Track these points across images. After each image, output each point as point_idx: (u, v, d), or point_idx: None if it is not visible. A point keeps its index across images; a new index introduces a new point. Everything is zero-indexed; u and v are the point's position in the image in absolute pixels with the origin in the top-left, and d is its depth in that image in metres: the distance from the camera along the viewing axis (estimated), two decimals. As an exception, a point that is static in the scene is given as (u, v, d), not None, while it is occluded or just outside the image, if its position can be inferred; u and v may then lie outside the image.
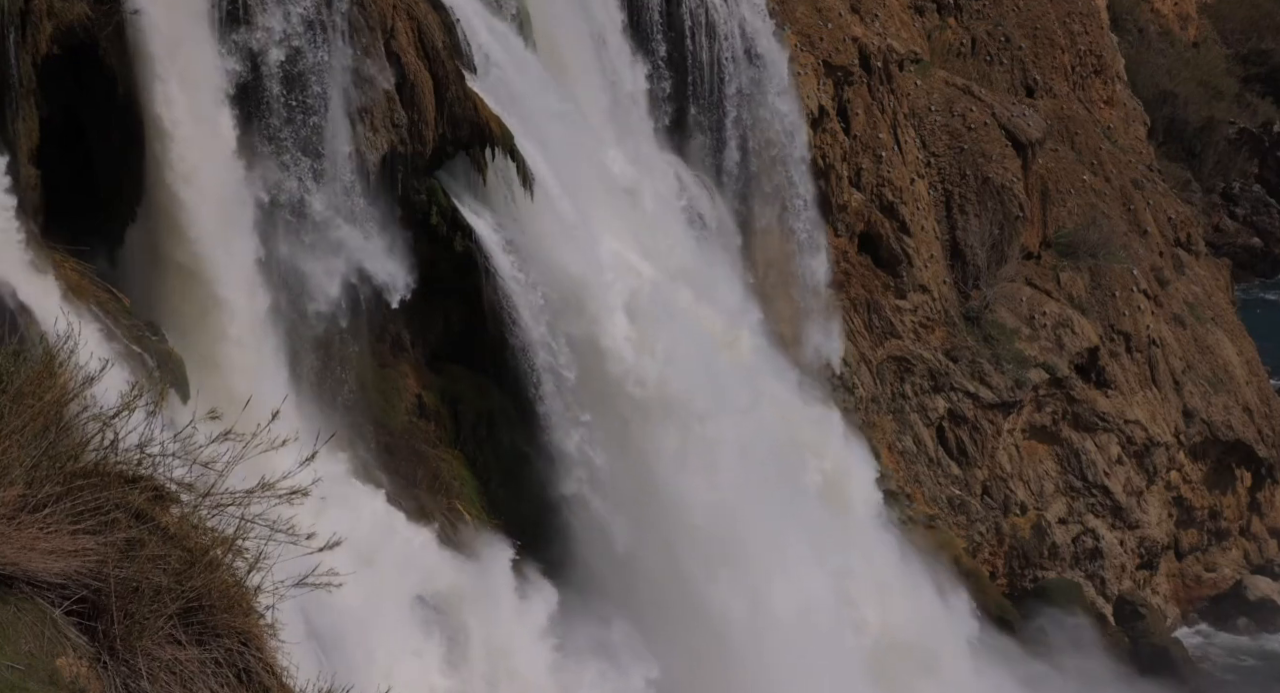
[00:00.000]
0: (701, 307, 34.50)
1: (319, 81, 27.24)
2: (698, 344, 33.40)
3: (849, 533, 36.95)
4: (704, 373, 33.13)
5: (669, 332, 32.25)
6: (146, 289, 26.06)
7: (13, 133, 24.24)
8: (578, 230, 30.67)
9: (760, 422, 34.81)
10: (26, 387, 8.28)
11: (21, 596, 7.59)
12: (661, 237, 33.68)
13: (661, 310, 32.37)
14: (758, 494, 33.34)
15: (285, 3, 26.73)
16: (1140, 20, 68.13)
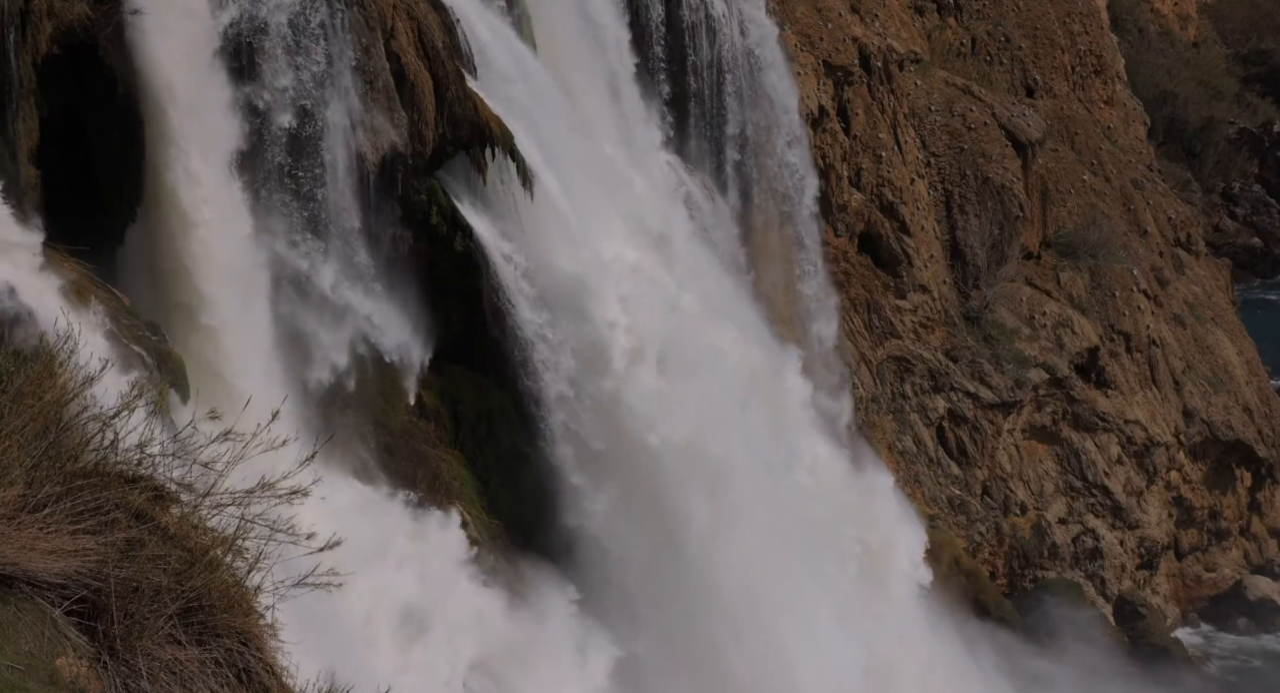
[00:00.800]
0: (726, 334, 34.05)
1: (328, 148, 27.39)
2: (724, 389, 32.76)
3: (885, 617, 35.70)
4: (732, 422, 32.47)
5: (693, 381, 31.79)
6: (146, 289, 26.07)
7: (13, 133, 24.24)
8: (577, 230, 30.67)
9: (797, 487, 33.92)
10: (26, 387, 8.28)
11: (21, 596, 7.59)
12: (661, 235, 33.67)
13: (689, 357, 31.96)
14: (785, 564, 32.53)
15: (297, 66, 26.82)
16: (1140, 20, 68.16)
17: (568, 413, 30.35)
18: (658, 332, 31.71)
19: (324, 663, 8.94)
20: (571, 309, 30.37)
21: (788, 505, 33.96)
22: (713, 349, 33.61)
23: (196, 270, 25.89)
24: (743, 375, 34.57)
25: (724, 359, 33.90)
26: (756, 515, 32.13)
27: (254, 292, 26.56)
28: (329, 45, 27.39)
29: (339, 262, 27.87)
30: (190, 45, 25.40)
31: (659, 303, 32.15)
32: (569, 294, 30.31)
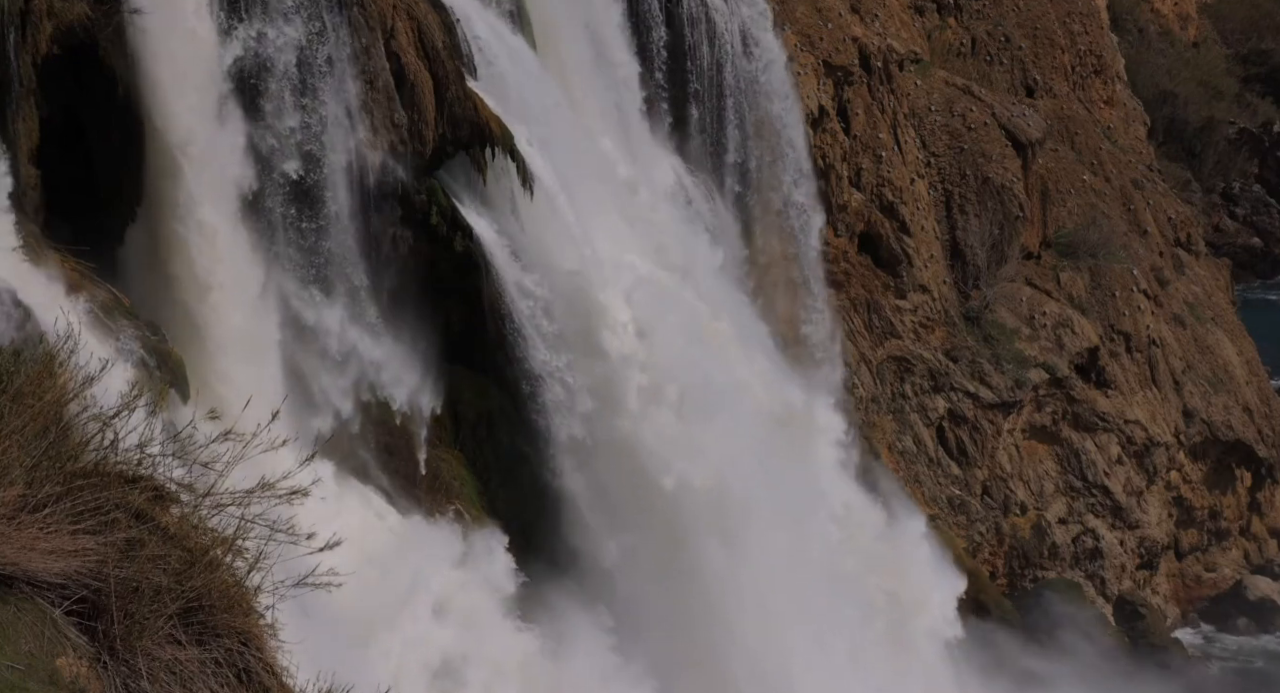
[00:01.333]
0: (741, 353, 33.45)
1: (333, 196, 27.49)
2: (744, 430, 32.23)
3: (909, 674, 34.83)
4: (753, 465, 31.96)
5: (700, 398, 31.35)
6: (146, 289, 26.08)
7: (13, 133, 24.24)
8: (577, 230, 30.66)
9: (822, 537, 33.16)
10: (26, 387, 8.28)
11: (21, 596, 7.59)
12: (661, 236, 33.66)
13: (709, 405, 31.29)
14: (805, 618, 31.80)
15: (304, 106, 26.88)
16: (1140, 20, 68.15)
17: (571, 422, 30.22)
18: (677, 367, 31.31)
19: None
20: (572, 309, 30.35)
21: (811, 555, 33.16)
22: (736, 384, 33.03)
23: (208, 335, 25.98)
24: (768, 411, 33.94)
25: (747, 394, 33.34)
26: (777, 565, 31.47)
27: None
28: (335, 82, 27.45)
29: (345, 309, 27.98)
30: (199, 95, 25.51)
31: (679, 330, 31.79)
32: (569, 294, 30.31)
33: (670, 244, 33.69)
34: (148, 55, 24.89)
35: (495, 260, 29.48)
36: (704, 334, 33.01)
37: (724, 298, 34.76)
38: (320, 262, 27.57)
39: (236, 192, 26.04)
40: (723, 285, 35.09)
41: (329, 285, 27.70)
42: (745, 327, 35.00)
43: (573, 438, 30.25)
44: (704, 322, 33.27)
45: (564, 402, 30.10)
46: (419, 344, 29.29)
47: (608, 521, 30.31)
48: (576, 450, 30.27)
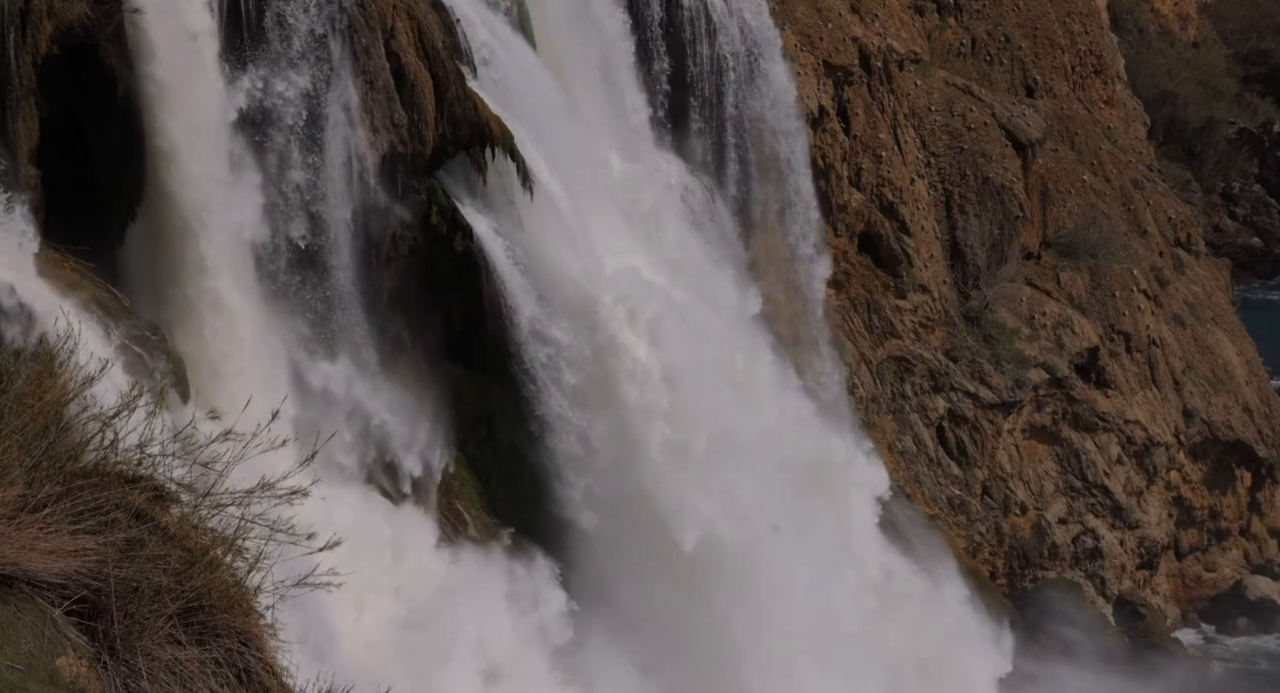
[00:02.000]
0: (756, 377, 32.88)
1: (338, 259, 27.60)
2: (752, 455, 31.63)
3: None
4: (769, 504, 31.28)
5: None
6: (146, 289, 26.08)
7: (13, 133, 24.24)
8: (577, 230, 30.66)
9: (853, 603, 32.36)
10: (26, 387, 8.28)
11: (21, 596, 7.59)
12: (661, 236, 33.64)
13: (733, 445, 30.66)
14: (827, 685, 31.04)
15: (310, 164, 27.00)
16: (1140, 20, 68.14)
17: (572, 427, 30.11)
18: (701, 418, 30.78)
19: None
20: (573, 310, 30.32)
21: (842, 623, 32.28)
22: (765, 431, 32.41)
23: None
24: (799, 463, 33.24)
25: (776, 442, 32.70)
26: (803, 633, 30.63)
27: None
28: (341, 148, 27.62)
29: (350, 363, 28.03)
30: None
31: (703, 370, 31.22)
32: (569, 294, 30.28)
33: (671, 247, 33.66)
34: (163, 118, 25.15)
35: (495, 260, 29.47)
36: (728, 373, 32.46)
37: (727, 302, 34.70)
38: (326, 330, 27.75)
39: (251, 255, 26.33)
40: (720, 281, 35.06)
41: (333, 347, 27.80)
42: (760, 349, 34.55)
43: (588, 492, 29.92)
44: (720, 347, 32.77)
45: (581, 456, 29.74)
46: (426, 394, 29.21)
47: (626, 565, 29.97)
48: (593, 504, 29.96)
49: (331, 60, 27.11)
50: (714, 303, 33.56)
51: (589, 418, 29.64)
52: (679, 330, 31.11)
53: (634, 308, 30.68)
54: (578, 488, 29.68)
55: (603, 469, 29.77)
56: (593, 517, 29.77)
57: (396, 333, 29.55)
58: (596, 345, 30.03)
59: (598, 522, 29.80)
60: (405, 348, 29.80)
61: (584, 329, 29.97)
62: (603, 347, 30.02)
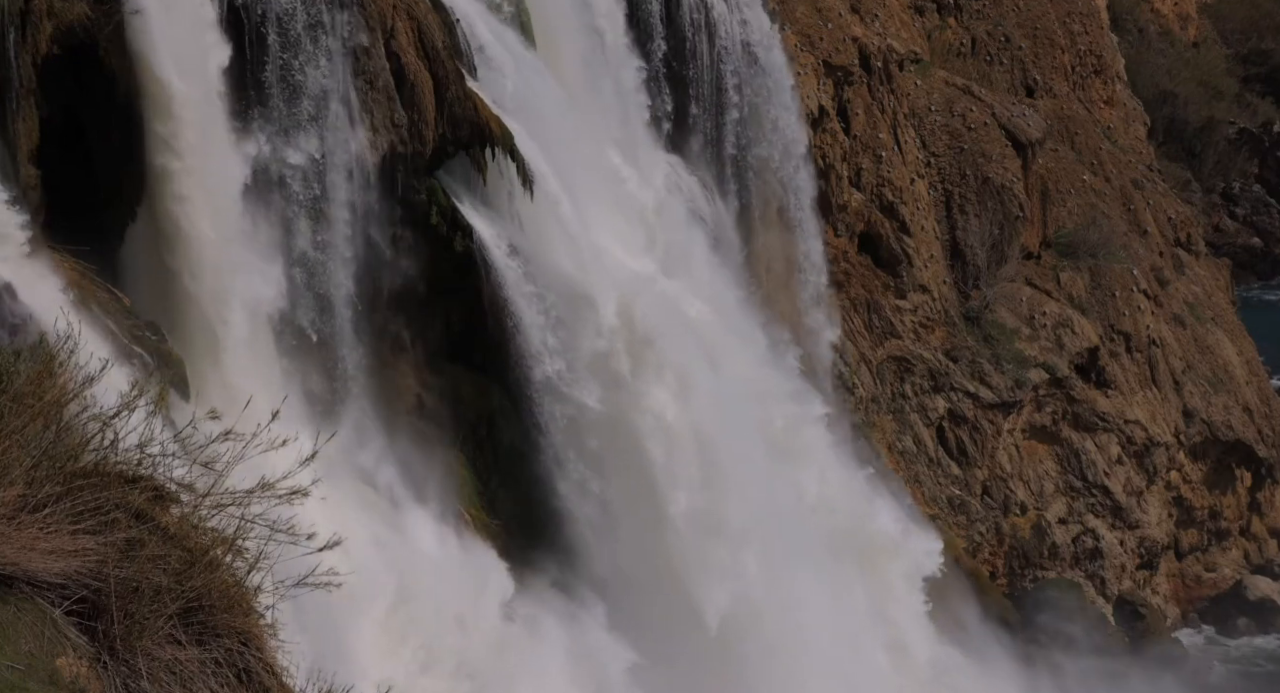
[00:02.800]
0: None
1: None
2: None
3: None
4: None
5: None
6: (146, 289, 26.08)
7: (13, 133, 24.24)
8: (577, 230, 30.65)
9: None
10: (26, 387, 8.28)
11: (21, 596, 7.59)
12: (662, 236, 33.62)
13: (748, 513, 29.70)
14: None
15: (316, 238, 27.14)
16: (1140, 20, 68.12)
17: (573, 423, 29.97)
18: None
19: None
20: (574, 311, 30.29)
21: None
22: (791, 486, 31.57)
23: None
24: (825, 523, 32.39)
25: (800, 497, 31.95)
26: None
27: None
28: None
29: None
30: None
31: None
32: (569, 294, 30.26)
33: (671, 248, 33.60)
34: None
35: (495, 260, 29.47)
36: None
37: (730, 304, 34.60)
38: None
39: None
40: (721, 279, 34.99)
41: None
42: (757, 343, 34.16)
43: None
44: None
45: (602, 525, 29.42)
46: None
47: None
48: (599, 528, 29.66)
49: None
50: (736, 331, 33.02)
51: (607, 485, 29.21)
52: (706, 379, 30.22)
53: (659, 357, 30.05)
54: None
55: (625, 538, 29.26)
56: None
57: (396, 333, 29.55)
58: (620, 405, 29.58)
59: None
60: (405, 348, 29.80)
61: (610, 389, 29.60)
62: (625, 407, 29.57)
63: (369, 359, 28.94)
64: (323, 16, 27.04)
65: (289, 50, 26.62)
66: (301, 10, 26.76)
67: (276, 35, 26.43)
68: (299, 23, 26.65)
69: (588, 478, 29.30)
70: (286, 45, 26.61)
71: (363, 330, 28.44)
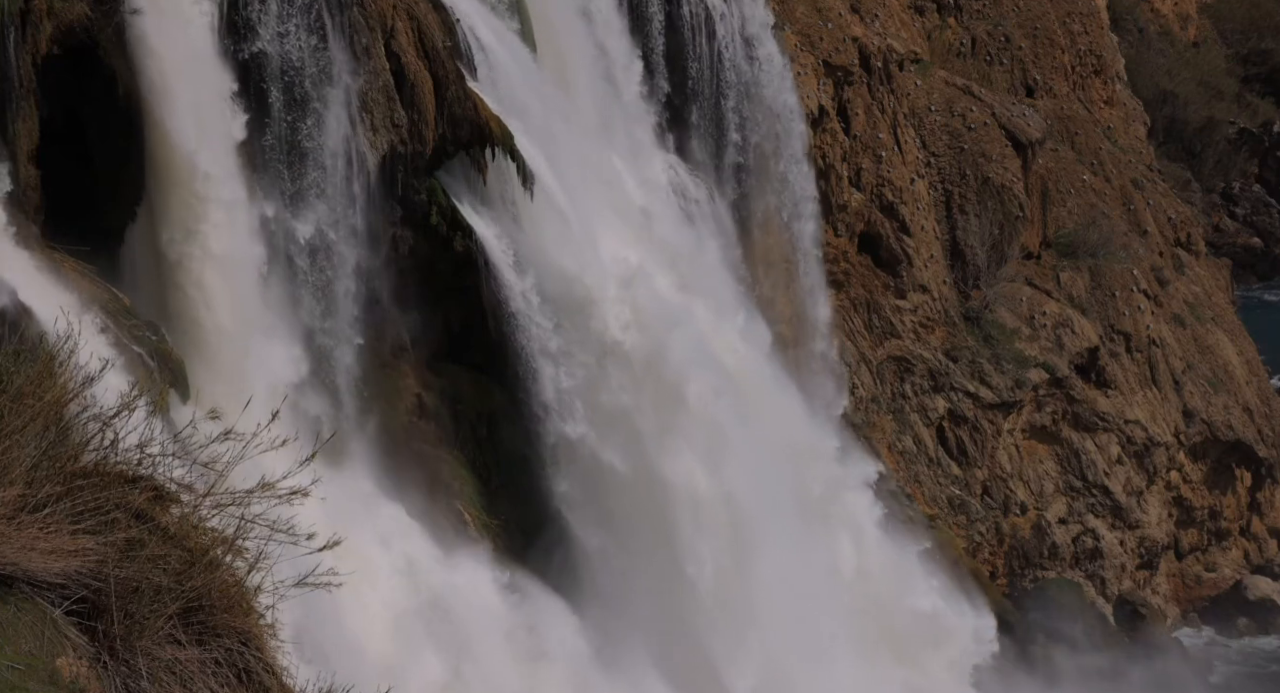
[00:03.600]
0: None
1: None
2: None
3: None
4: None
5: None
6: (146, 289, 26.07)
7: (13, 133, 24.23)
8: (577, 230, 30.64)
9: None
10: (26, 387, 8.27)
11: (21, 596, 7.59)
12: (660, 236, 33.60)
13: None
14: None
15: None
16: (1140, 20, 68.09)
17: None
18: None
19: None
20: (574, 312, 30.26)
21: None
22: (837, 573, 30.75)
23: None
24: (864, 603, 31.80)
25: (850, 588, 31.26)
26: None
27: None
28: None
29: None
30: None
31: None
32: (569, 294, 30.24)
33: (674, 252, 33.54)
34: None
35: (495, 260, 29.47)
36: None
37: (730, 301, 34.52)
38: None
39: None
40: (720, 275, 34.92)
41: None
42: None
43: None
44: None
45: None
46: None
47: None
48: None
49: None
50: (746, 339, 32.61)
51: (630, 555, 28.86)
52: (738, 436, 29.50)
53: (689, 415, 29.52)
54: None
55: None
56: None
57: (396, 333, 29.54)
58: (645, 466, 29.25)
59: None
60: (405, 348, 29.80)
61: (633, 451, 29.29)
62: (652, 470, 29.21)
63: (369, 359, 28.94)
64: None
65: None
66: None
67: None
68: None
69: (608, 544, 28.96)
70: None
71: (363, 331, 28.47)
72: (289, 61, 26.44)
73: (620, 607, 28.75)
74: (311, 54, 26.87)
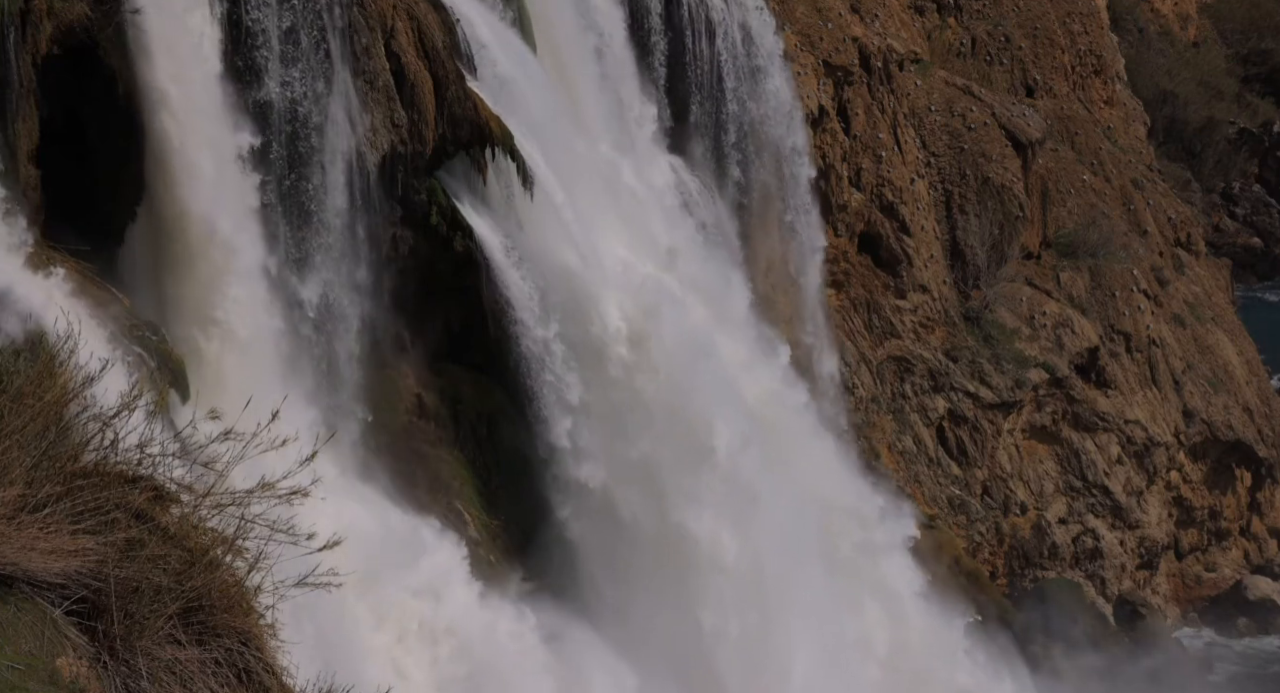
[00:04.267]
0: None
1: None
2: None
3: None
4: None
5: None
6: (146, 289, 26.07)
7: (13, 133, 24.22)
8: (577, 230, 30.63)
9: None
10: (26, 387, 8.27)
11: (21, 596, 7.59)
12: (661, 237, 33.58)
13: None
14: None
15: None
16: (1140, 20, 68.09)
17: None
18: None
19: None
20: (573, 312, 30.24)
21: None
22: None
23: None
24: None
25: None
26: None
27: None
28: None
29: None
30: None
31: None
32: (569, 294, 30.23)
33: (674, 252, 33.49)
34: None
35: (495, 260, 29.46)
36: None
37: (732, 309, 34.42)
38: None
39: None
40: (716, 267, 34.87)
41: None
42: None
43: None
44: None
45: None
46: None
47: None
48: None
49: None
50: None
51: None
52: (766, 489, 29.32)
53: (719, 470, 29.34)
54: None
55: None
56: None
57: (397, 333, 29.54)
58: (669, 525, 29.05)
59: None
60: (405, 348, 29.79)
61: (653, 507, 29.11)
62: (675, 529, 29.03)
63: (369, 359, 28.94)
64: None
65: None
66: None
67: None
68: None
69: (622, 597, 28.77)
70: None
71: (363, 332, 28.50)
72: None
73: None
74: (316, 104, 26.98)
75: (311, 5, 27.06)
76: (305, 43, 26.97)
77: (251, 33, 26.32)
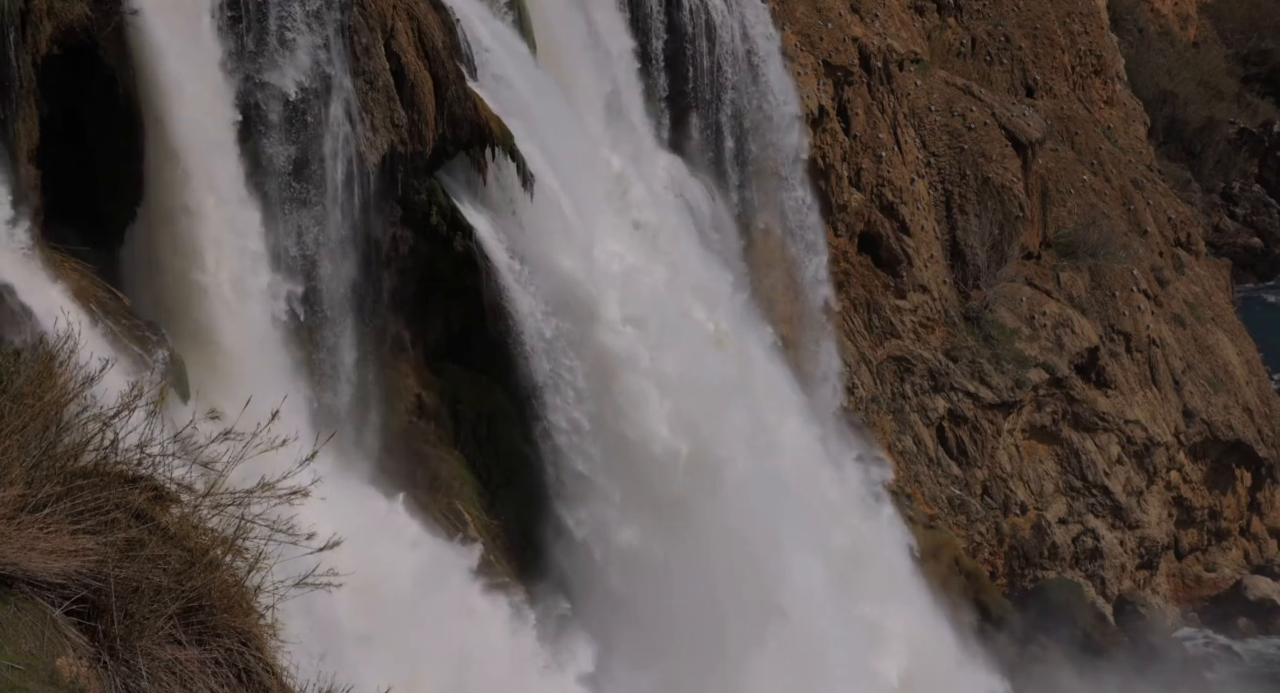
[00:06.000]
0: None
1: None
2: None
3: None
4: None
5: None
6: (146, 289, 26.07)
7: (13, 133, 24.22)
8: (577, 230, 30.63)
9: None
10: (26, 387, 8.27)
11: (21, 596, 7.59)
12: (662, 236, 33.59)
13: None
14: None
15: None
16: (1140, 20, 68.08)
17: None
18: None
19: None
20: (573, 312, 30.24)
21: None
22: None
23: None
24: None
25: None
26: None
27: None
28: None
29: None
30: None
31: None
32: (569, 294, 30.22)
33: (670, 248, 33.52)
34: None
35: (495, 260, 29.46)
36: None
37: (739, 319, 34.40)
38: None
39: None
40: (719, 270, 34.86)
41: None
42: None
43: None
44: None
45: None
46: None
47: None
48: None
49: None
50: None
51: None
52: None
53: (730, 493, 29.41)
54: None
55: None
56: None
57: (396, 333, 29.53)
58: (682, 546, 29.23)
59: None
60: (405, 348, 29.78)
61: (662, 529, 29.23)
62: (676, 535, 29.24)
63: (369, 359, 28.93)
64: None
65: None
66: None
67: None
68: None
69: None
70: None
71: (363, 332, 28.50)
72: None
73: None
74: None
75: (312, 5, 27.07)
76: (305, 43, 26.98)
77: (251, 32, 26.32)
